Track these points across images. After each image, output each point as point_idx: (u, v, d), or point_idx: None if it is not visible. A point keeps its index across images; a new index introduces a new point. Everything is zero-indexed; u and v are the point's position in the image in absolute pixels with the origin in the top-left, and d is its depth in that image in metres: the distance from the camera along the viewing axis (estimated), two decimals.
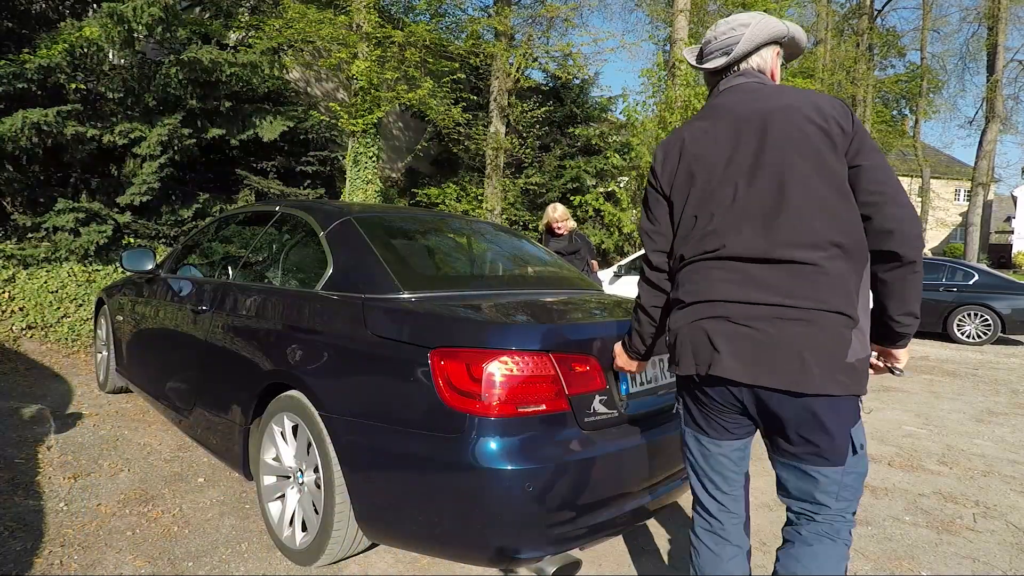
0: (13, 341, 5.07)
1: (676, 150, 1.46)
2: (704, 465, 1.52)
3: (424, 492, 1.81)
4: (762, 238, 1.30)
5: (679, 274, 1.46)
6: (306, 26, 8.26)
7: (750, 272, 1.31)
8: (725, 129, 1.39)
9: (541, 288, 2.81)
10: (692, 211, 1.42)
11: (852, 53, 22.65)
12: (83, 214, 5.95)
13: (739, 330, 1.30)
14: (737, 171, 1.35)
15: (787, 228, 1.28)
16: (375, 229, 2.50)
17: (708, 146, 1.41)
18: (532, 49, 11.68)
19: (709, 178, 1.39)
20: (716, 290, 1.34)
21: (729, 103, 1.43)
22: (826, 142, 1.29)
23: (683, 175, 1.44)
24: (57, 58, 5.48)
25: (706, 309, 1.35)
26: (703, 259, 1.39)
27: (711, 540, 1.52)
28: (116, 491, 2.75)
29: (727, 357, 1.30)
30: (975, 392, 5.84)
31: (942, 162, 36.84)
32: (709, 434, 1.48)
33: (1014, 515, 2.95)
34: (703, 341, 1.35)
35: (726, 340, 1.31)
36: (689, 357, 1.38)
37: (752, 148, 1.34)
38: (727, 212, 1.35)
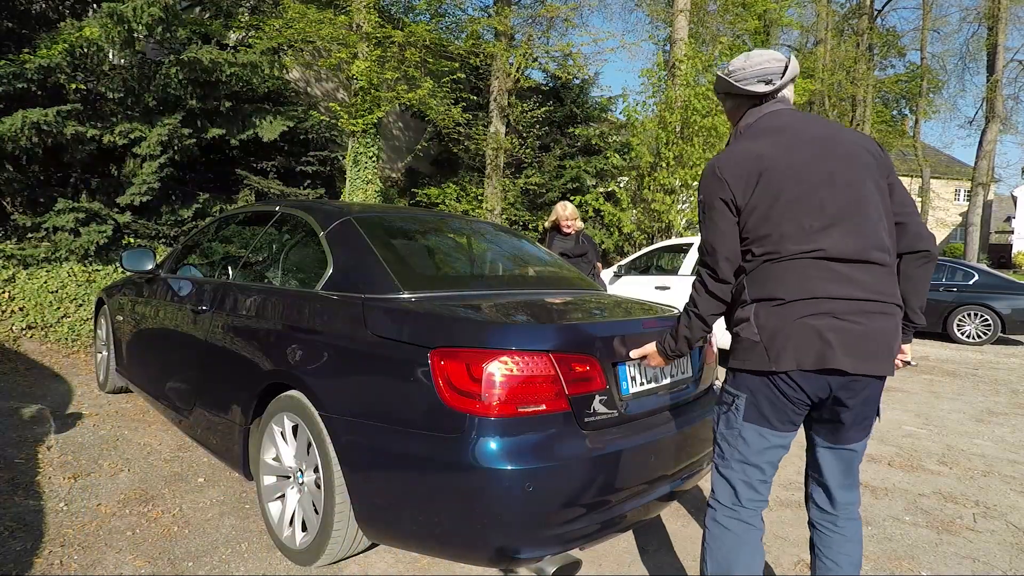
0: (13, 341, 5.07)
1: (752, 166, 1.54)
2: (756, 458, 1.59)
3: (424, 492, 1.81)
4: (852, 241, 1.46)
5: (756, 274, 1.54)
6: (306, 26, 8.26)
7: (842, 271, 1.46)
8: (796, 146, 1.54)
9: (541, 288, 2.81)
10: (778, 218, 1.51)
11: (852, 53, 22.64)
12: (83, 214, 5.95)
13: (844, 325, 1.44)
14: (818, 182, 1.50)
15: (867, 233, 1.48)
16: (375, 229, 2.50)
17: (786, 160, 1.53)
18: (532, 49, 11.67)
19: (794, 188, 1.51)
20: (816, 288, 1.45)
21: (784, 124, 1.59)
22: (875, 165, 1.55)
23: (764, 188, 1.53)
24: (57, 58, 5.48)
25: (809, 306, 1.45)
26: (796, 259, 1.48)
27: (738, 527, 1.61)
28: (116, 491, 2.75)
29: (839, 350, 1.43)
30: (975, 392, 5.84)
31: (942, 162, 36.84)
32: (776, 427, 1.56)
33: (1014, 515, 2.95)
34: (812, 337, 1.44)
35: (836, 335, 1.43)
36: (793, 352, 1.46)
37: (826, 164, 1.52)
38: (817, 218, 1.48)
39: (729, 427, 1.62)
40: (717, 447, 1.67)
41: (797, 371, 1.46)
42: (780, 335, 1.47)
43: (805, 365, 1.45)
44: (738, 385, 1.59)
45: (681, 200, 10.28)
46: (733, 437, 1.61)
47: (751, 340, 1.52)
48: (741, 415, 1.58)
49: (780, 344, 1.47)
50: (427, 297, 2.15)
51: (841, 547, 1.65)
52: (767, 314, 1.50)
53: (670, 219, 10.00)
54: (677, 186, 10.06)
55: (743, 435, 1.59)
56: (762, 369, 1.50)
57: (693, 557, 2.40)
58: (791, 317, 1.46)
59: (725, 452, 1.63)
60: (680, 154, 9.83)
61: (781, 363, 1.47)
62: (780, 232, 1.49)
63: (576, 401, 1.84)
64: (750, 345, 1.52)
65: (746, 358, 1.54)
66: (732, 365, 1.61)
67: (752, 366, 1.52)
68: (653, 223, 10.50)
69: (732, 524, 1.61)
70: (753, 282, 1.54)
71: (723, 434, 1.64)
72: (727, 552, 1.59)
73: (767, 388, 1.52)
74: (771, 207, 1.51)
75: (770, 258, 1.51)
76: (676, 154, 9.87)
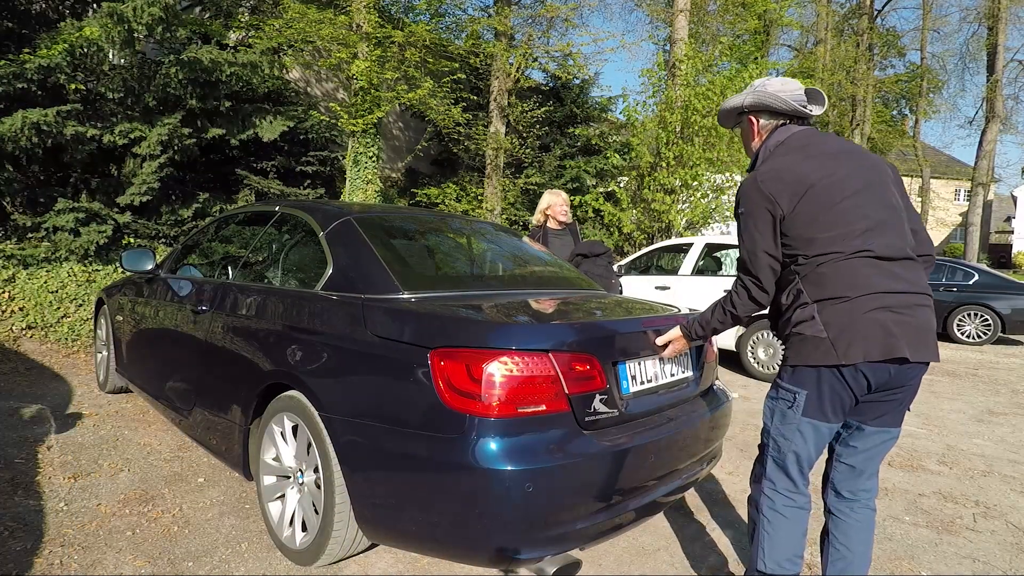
0: (13, 341, 5.07)
1: (796, 179, 1.68)
2: (811, 449, 1.72)
3: (424, 492, 1.80)
4: (894, 241, 1.63)
5: (812, 277, 1.65)
6: (306, 26, 8.26)
7: (890, 268, 1.61)
8: (831, 160, 1.69)
9: (541, 288, 2.81)
10: (827, 224, 1.64)
11: (852, 53, 22.64)
12: (83, 214, 5.95)
13: (900, 317, 1.58)
14: (858, 191, 1.65)
15: (903, 233, 1.66)
16: (375, 229, 2.50)
17: (827, 173, 1.67)
18: (532, 49, 11.67)
19: (839, 197, 1.65)
20: (874, 284, 1.59)
21: (812, 141, 1.75)
22: (891, 177, 1.74)
23: (810, 198, 1.66)
24: (57, 58, 5.47)
25: (872, 301, 1.58)
26: (850, 259, 1.61)
27: (795, 513, 1.75)
28: (116, 491, 2.75)
29: (902, 340, 1.57)
30: (975, 392, 5.84)
31: (942, 162, 36.84)
32: (830, 419, 1.68)
33: (1014, 515, 2.95)
34: (878, 330, 1.57)
35: (898, 327, 1.57)
36: (862, 344, 1.57)
37: (861, 176, 1.68)
38: (862, 222, 1.62)
39: (786, 422, 1.72)
40: (773, 442, 1.76)
41: (864, 362, 1.58)
42: (848, 330, 1.58)
43: (873, 356, 1.57)
44: (799, 381, 1.69)
45: (681, 200, 10.28)
46: (791, 432, 1.72)
47: (817, 337, 1.62)
48: (801, 410, 1.69)
49: (848, 338, 1.58)
50: (427, 297, 2.15)
51: (857, 534, 1.76)
52: (832, 311, 1.61)
53: (670, 219, 10.00)
54: (677, 186, 10.05)
55: (801, 430, 1.70)
56: (829, 363, 1.61)
57: (693, 557, 2.40)
58: (858, 312, 1.58)
59: (782, 446, 1.74)
60: (680, 154, 9.83)
61: (850, 355, 1.58)
62: (830, 237, 1.62)
63: (576, 401, 1.84)
64: (816, 342, 1.62)
65: (811, 354, 1.64)
66: (794, 362, 1.70)
67: (817, 361, 1.63)
68: (653, 223, 10.50)
69: (790, 511, 1.74)
70: (810, 284, 1.65)
71: (779, 429, 1.74)
72: (785, 535, 1.72)
73: (834, 380, 1.63)
74: (817, 216, 1.64)
75: (824, 261, 1.63)
76: (676, 154, 9.87)
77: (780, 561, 1.71)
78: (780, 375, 1.77)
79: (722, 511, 2.83)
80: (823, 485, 1.88)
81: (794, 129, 1.80)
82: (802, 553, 1.73)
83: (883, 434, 1.75)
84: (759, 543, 1.76)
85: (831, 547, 1.78)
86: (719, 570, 2.32)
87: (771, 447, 1.76)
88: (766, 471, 1.78)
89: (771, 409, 1.78)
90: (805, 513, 1.75)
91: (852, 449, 1.77)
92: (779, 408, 1.74)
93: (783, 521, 1.73)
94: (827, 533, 1.82)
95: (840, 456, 1.80)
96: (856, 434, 1.76)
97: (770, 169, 1.72)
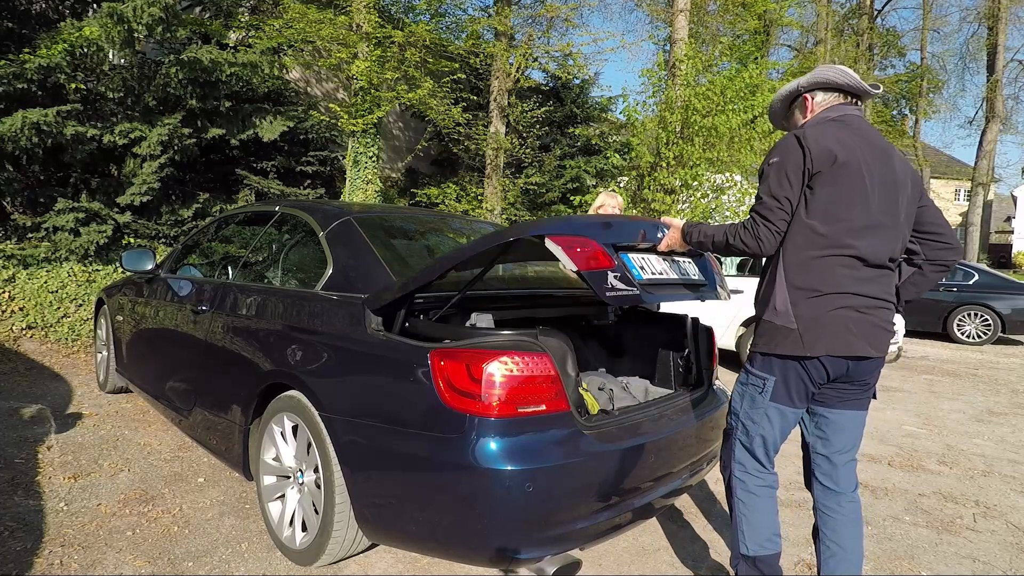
0: (13, 341, 5.07)
1: (835, 148, 1.68)
2: (776, 432, 1.80)
3: (424, 492, 1.81)
4: (880, 247, 1.69)
5: (796, 261, 1.70)
6: (306, 26, 8.25)
7: (866, 274, 1.69)
8: (869, 148, 1.72)
9: (541, 288, 2.81)
10: (835, 206, 1.67)
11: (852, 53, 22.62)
12: (83, 214, 5.95)
13: (864, 317, 1.68)
14: (876, 185, 1.69)
15: (893, 239, 1.72)
16: (375, 229, 2.50)
17: (860, 156, 1.69)
18: (532, 49, 11.67)
19: (858, 183, 1.68)
20: (844, 284, 1.67)
21: (864, 127, 1.77)
22: (911, 185, 1.78)
23: (836, 171, 1.67)
24: (57, 58, 5.47)
25: (839, 300, 1.66)
26: (834, 255, 1.67)
27: (765, 492, 1.83)
28: (116, 491, 2.75)
29: (859, 339, 1.67)
30: (975, 392, 5.84)
31: (942, 162, 36.82)
32: (796, 405, 1.77)
33: (1014, 515, 2.95)
34: (841, 327, 1.66)
35: (857, 325, 1.67)
36: (825, 340, 1.66)
37: (886, 172, 1.71)
38: (864, 217, 1.67)
39: (755, 406, 1.79)
40: (741, 425, 1.82)
41: (826, 355, 1.67)
42: (812, 324, 1.67)
43: (835, 351, 1.66)
44: (768, 368, 1.76)
45: (681, 200, 10.27)
46: (759, 416, 1.79)
47: (787, 328, 1.69)
48: (769, 395, 1.76)
49: (814, 331, 1.66)
50: (427, 297, 2.15)
51: (846, 528, 1.81)
52: (805, 305, 1.68)
53: None
54: (677, 186, 10.04)
55: (768, 414, 1.77)
56: (796, 354, 1.68)
57: (693, 557, 2.40)
58: (824, 309, 1.66)
59: (750, 429, 1.81)
60: (680, 154, 9.82)
61: (816, 349, 1.66)
62: (832, 221, 1.67)
63: (576, 401, 1.84)
64: (786, 332, 1.70)
65: (780, 343, 1.71)
66: (763, 349, 1.76)
67: (785, 351, 1.70)
68: None
69: (761, 490, 1.82)
70: (792, 268, 1.71)
71: (747, 413, 1.80)
72: (761, 515, 1.80)
73: (792, 371, 1.72)
74: (831, 197, 1.67)
75: (813, 249, 1.68)
76: (676, 154, 9.86)
77: (761, 542, 1.78)
78: (750, 361, 1.83)
79: (721, 511, 2.83)
80: (807, 482, 1.93)
81: (848, 109, 1.82)
82: (778, 531, 1.81)
83: (850, 417, 1.82)
84: (738, 527, 1.82)
85: (823, 545, 1.83)
86: (718, 570, 2.32)
87: (739, 431, 1.84)
88: (735, 455, 1.85)
89: (740, 394, 1.84)
90: (774, 491, 1.84)
91: (824, 440, 1.84)
92: (748, 393, 1.81)
93: (757, 501, 1.81)
94: (818, 531, 1.86)
95: (815, 447, 1.87)
96: (823, 421, 1.84)
97: (814, 131, 1.73)
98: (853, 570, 1.79)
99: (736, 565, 1.84)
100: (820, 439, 1.85)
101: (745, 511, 1.81)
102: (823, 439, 1.84)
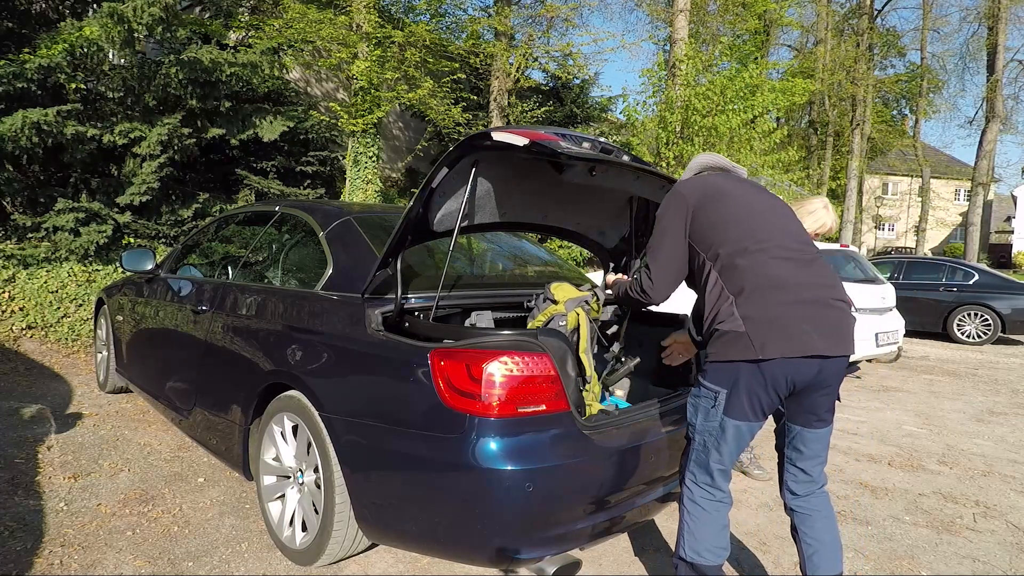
0: (13, 341, 5.07)
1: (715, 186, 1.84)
2: (732, 446, 1.73)
3: (424, 492, 1.81)
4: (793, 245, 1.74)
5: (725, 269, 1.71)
6: (306, 26, 8.26)
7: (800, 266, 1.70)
8: (741, 183, 1.89)
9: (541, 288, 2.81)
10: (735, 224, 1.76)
11: (852, 53, 22.61)
12: (83, 214, 5.95)
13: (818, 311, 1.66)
14: (763, 210, 1.80)
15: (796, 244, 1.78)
16: (375, 229, 2.50)
17: (739, 190, 1.85)
18: (532, 49, 11.68)
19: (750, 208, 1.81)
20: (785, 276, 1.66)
21: (730, 175, 1.94)
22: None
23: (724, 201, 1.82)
24: (57, 58, 5.47)
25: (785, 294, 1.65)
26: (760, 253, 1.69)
27: (713, 506, 1.77)
28: (116, 491, 2.75)
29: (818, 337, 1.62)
30: (975, 392, 5.85)
31: (942, 162, 36.81)
32: (751, 419, 1.69)
33: (1014, 515, 2.95)
34: (795, 325, 1.62)
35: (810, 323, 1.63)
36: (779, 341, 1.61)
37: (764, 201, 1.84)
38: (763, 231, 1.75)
39: (708, 420, 1.73)
40: (698, 438, 1.77)
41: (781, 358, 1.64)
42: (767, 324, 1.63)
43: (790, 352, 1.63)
44: (719, 379, 1.70)
45: None
46: (715, 430, 1.73)
47: (735, 331, 1.64)
48: (721, 411, 1.69)
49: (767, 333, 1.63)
50: (427, 297, 2.15)
51: (819, 522, 1.82)
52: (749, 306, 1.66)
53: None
54: None
55: (724, 427, 1.71)
56: (747, 358, 1.62)
57: None
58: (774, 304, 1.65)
59: (708, 443, 1.75)
60: (680, 154, 9.82)
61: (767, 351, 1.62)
62: (738, 234, 1.72)
63: (576, 401, 1.84)
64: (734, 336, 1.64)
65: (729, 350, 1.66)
66: (713, 358, 1.70)
67: (735, 356, 1.64)
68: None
69: (709, 504, 1.76)
70: (727, 277, 1.70)
71: (703, 426, 1.75)
72: (705, 527, 1.76)
73: (745, 383, 1.65)
74: (729, 216, 1.76)
75: (738, 256, 1.71)
76: (676, 154, 9.86)
77: (700, 551, 1.75)
78: (701, 373, 1.77)
79: None
80: (780, 487, 1.91)
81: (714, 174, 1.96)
82: (724, 544, 1.77)
83: (825, 432, 1.82)
84: (681, 531, 1.80)
85: (802, 542, 1.83)
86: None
87: (696, 442, 1.79)
88: (688, 464, 1.81)
89: (694, 407, 1.78)
90: (724, 507, 1.79)
91: (800, 453, 1.82)
92: (701, 406, 1.75)
93: (702, 513, 1.77)
94: (795, 529, 1.87)
95: (793, 460, 1.85)
96: (798, 439, 1.81)
97: (684, 182, 1.90)
98: (835, 562, 1.80)
99: (676, 565, 1.82)
100: (798, 453, 1.83)
101: (689, 520, 1.78)
102: (800, 454, 1.83)
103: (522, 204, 2.42)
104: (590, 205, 2.61)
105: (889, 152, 28.57)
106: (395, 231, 1.98)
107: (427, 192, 1.96)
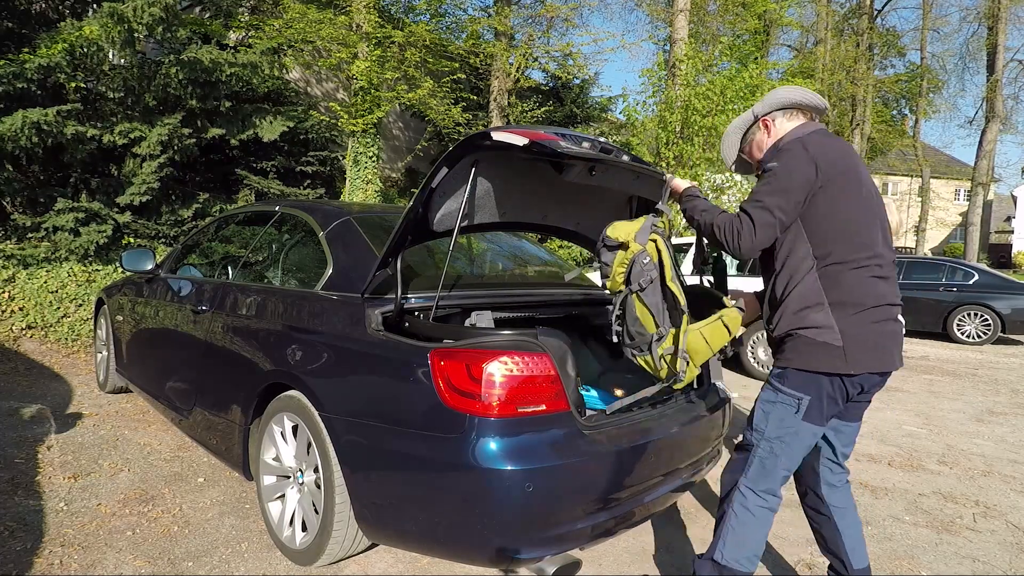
0: (13, 341, 5.07)
1: (833, 159, 1.67)
2: (801, 451, 1.73)
3: (424, 492, 1.81)
4: (888, 253, 1.72)
5: (826, 274, 1.67)
6: (306, 26, 8.26)
7: (890, 282, 1.72)
8: (852, 157, 1.74)
9: (541, 288, 2.81)
10: (844, 221, 1.66)
11: (852, 53, 22.63)
12: (83, 214, 5.95)
13: (896, 327, 1.71)
14: (869, 195, 1.71)
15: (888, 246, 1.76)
16: (375, 229, 2.50)
17: (851, 167, 1.70)
18: (532, 49, 11.69)
19: (858, 194, 1.69)
20: (882, 296, 1.68)
21: (836, 140, 1.78)
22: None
23: (839, 183, 1.66)
24: (57, 58, 5.47)
25: (879, 313, 1.68)
26: (862, 267, 1.66)
27: (765, 515, 1.75)
28: (116, 491, 2.75)
29: (894, 353, 1.71)
30: (975, 392, 5.84)
31: (942, 162, 36.81)
32: (822, 423, 1.71)
33: (1014, 515, 2.95)
34: (882, 342, 1.67)
35: (892, 339, 1.69)
36: (868, 356, 1.65)
37: (869, 182, 1.74)
38: (874, 228, 1.70)
39: (784, 426, 1.70)
40: (767, 444, 1.73)
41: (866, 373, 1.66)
42: (860, 340, 1.64)
43: (874, 368, 1.67)
44: (804, 386, 1.68)
45: None
46: (789, 436, 1.70)
47: (831, 344, 1.64)
48: (803, 415, 1.68)
49: (860, 349, 1.64)
50: (427, 297, 2.15)
51: (850, 515, 1.86)
52: (848, 320, 1.64)
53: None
54: None
55: (800, 433, 1.70)
56: (837, 371, 1.64)
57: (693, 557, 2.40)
58: (868, 322, 1.65)
59: (776, 450, 1.72)
60: (680, 154, 9.82)
61: (858, 366, 1.64)
62: (848, 242, 1.66)
63: (576, 401, 1.84)
64: (829, 349, 1.64)
65: (820, 361, 1.65)
66: (799, 366, 1.67)
67: (826, 368, 1.64)
68: None
69: (760, 512, 1.74)
70: (829, 285, 1.66)
71: (775, 433, 1.71)
72: (751, 534, 1.74)
73: (835, 387, 1.67)
74: (839, 209, 1.65)
75: (838, 264, 1.66)
76: (676, 154, 9.86)
77: (739, 557, 1.73)
78: (780, 379, 1.71)
79: None
80: (813, 488, 1.89)
81: (816, 125, 1.81)
82: (760, 553, 1.77)
83: (856, 424, 1.87)
84: (722, 534, 1.76)
85: (844, 540, 1.84)
86: None
87: (762, 448, 1.73)
88: (748, 470, 1.75)
89: (766, 412, 1.72)
90: (773, 514, 1.79)
91: (833, 448, 1.86)
92: (776, 412, 1.70)
93: (752, 520, 1.74)
94: (838, 530, 1.85)
95: (828, 456, 1.87)
96: (839, 434, 1.85)
97: (812, 140, 1.70)
98: (865, 555, 1.86)
99: (698, 565, 1.79)
100: (832, 448, 1.85)
101: (736, 524, 1.74)
102: (836, 447, 1.86)
103: (522, 204, 2.42)
104: (590, 205, 2.61)
105: (889, 152, 28.55)
106: (395, 231, 1.98)
107: (427, 192, 1.96)
